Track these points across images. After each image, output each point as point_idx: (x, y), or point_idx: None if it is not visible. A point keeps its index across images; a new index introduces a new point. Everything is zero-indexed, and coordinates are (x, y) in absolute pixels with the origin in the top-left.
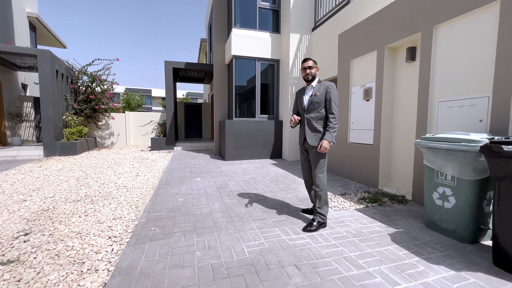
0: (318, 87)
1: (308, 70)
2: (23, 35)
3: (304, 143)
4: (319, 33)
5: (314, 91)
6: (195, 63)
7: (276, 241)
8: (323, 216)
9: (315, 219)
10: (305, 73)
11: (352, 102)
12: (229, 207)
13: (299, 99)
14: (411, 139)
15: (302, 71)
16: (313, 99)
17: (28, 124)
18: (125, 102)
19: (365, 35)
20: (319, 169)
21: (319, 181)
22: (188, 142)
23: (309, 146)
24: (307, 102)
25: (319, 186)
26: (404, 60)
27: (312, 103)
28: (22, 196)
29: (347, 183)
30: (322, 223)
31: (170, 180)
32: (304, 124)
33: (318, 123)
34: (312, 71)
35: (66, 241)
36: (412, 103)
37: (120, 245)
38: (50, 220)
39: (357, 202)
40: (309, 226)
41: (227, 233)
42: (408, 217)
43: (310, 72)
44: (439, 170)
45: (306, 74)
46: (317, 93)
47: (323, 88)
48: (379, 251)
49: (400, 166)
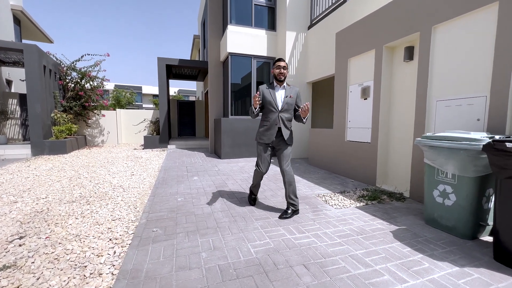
0: (289, 90)
1: (283, 70)
2: (7, 29)
3: (273, 141)
4: (315, 31)
5: (288, 93)
6: (189, 60)
7: (281, 241)
8: (296, 204)
9: (290, 208)
10: (280, 72)
11: (350, 101)
12: (230, 206)
13: (269, 96)
14: (409, 137)
15: (276, 69)
16: (288, 101)
17: (14, 122)
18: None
19: (363, 34)
20: (288, 163)
21: (291, 173)
22: (181, 140)
23: (283, 143)
24: (283, 102)
25: (293, 178)
26: (402, 59)
27: (287, 104)
28: (13, 197)
29: (344, 181)
30: (296, 211)
31: (167, 179)
32: (279, 123)
33: (289, 123)
34: (286, 72)
35: (65, 244)
36: (410, 102)
37: (122, 247)
38: (45, 222)
39: (357, 200)
40: (284, 214)
41: (231, 233)
42: (408, 214)
43: (284, 72)
44: (440, 168)
45: (281, 73)
46: (291, 95)
47: (294, 92)
48: (384, 248)
49: (397, 164)
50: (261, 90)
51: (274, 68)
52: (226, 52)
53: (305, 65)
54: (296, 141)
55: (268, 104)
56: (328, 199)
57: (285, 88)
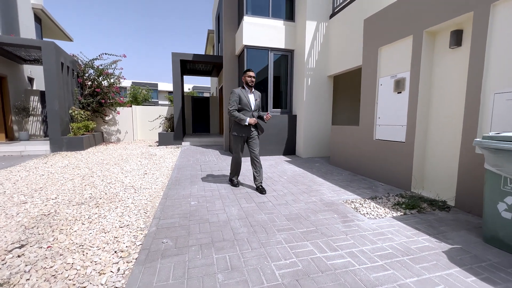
0: (256, 94)
1: (253, 79)
2: (28, 27)
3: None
4: (338, 20)
5: (256, 97)
6: (203, 55)
7: (310, 260)
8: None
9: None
10: (252, 80)
11: (380, 95)
12: (248, 213)
13: (245, 99)
14: (453, 136)
15: (248, 77)
16: (257, 103)
17: (35, 118)
18: (132, 96)
19: (398, 18)
20: (258, 149)
21: (259, 156)
22: (196, 137)
23: (256, 134)
24: (254, 104)
25: (260, 160)
26: (445, 46)
27: (256, 105)
28: (23, 197)
29: (373, 184)
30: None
31: (180, 180)
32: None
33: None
34: (254, 80)
35: (66, 257)
36: (455, 95)
37: (127, 262)
38: (50, 227)
39: (393, 208)
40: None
41: (251, 248)
42: (458, 228)
43: (254, 81)
44: (508, 176)
45: (252, 81)
46: (257, 98)
47: (258, 96)
48: (441, 276)
49: (437, 167)
50: (237, 93)
51: (245, 76)
52: (242, 45)
53: (326, 57)
54: (314, 139)
55: (244, 105)
56: (358, 206)
57: (253, 92)
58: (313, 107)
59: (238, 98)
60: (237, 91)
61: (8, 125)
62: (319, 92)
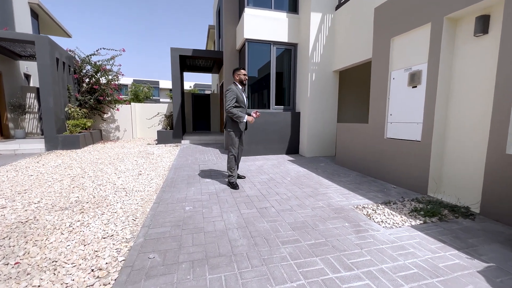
0: (244, 92)
1: (246, 77)
2: (25, 23)
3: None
4: (345, 10)
5: (245, 94)
6: (203, 50)
7: (322, 283)
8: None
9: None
10: (246, 78)
11: (392, 90)
12: (248, 220)
13: (241, 96)
14: (478, 136)
15: (242, 76)
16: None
17: (32, 116)
18: (133, 94)
19: (414, 5)
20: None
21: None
22: (196, 135)
23: (245, 130)
24: (246, 101)
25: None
26: (470, 33)
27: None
28: (4, 201)
29: (385, 187)
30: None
31: (176, 181)
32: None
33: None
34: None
35: (33, 276)
36: (480, 88)
37: (104, 285)
38: (24, 238)
39: (410, 215)
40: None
41: (251, 266)
42: (489, 240)
43: (246, 79)
44: None
45: (246, 79)
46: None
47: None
48: None
49: (457, 169)
50: (235, 91)
51: (240, 74)
52: (243, 39)
53: (331, 51)
54: (318, 137)
55: (241, 103)
56: (372, 213)
57: (244, 90)
58: (317, 104)
59: (236, 96)
60: (234, 88)
61: (3, 122)
62: (324, 88)
